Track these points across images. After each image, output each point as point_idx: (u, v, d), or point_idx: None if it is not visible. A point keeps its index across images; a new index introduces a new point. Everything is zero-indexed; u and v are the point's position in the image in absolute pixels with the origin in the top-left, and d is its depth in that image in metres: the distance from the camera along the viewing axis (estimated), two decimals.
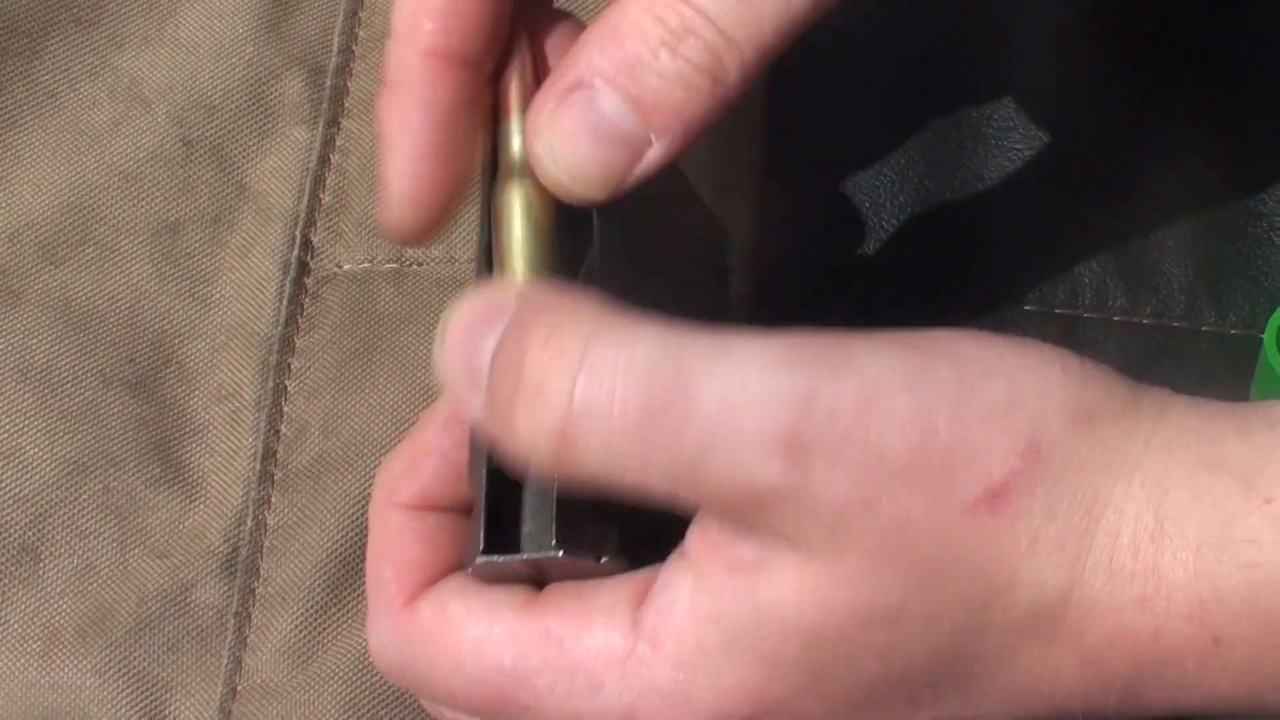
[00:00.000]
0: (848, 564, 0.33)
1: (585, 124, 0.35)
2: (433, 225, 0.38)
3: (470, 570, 0.37)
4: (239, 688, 0.46)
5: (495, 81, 0.38)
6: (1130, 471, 0.34)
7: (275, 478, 0.48)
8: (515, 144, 0.37)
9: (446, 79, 0.37)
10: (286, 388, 0.49)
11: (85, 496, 0.48)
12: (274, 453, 0.48)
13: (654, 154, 0.35)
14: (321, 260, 0.50)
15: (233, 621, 0.47)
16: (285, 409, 0.49)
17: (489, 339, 0.34)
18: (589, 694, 0.35)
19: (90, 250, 0.50)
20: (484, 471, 0.37)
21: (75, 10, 0.52)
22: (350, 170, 0.51)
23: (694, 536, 0.35)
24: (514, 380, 0.33)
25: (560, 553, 0.35)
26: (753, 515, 0.33)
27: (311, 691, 0.46)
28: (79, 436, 0.48)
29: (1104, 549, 0.33)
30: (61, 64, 0.52)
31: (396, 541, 0.38)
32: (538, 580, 0.37)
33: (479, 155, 0.38)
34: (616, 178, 0.36)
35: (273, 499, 0.48)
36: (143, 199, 0.51)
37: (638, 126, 0.35)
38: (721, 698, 0.34)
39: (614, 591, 0.35)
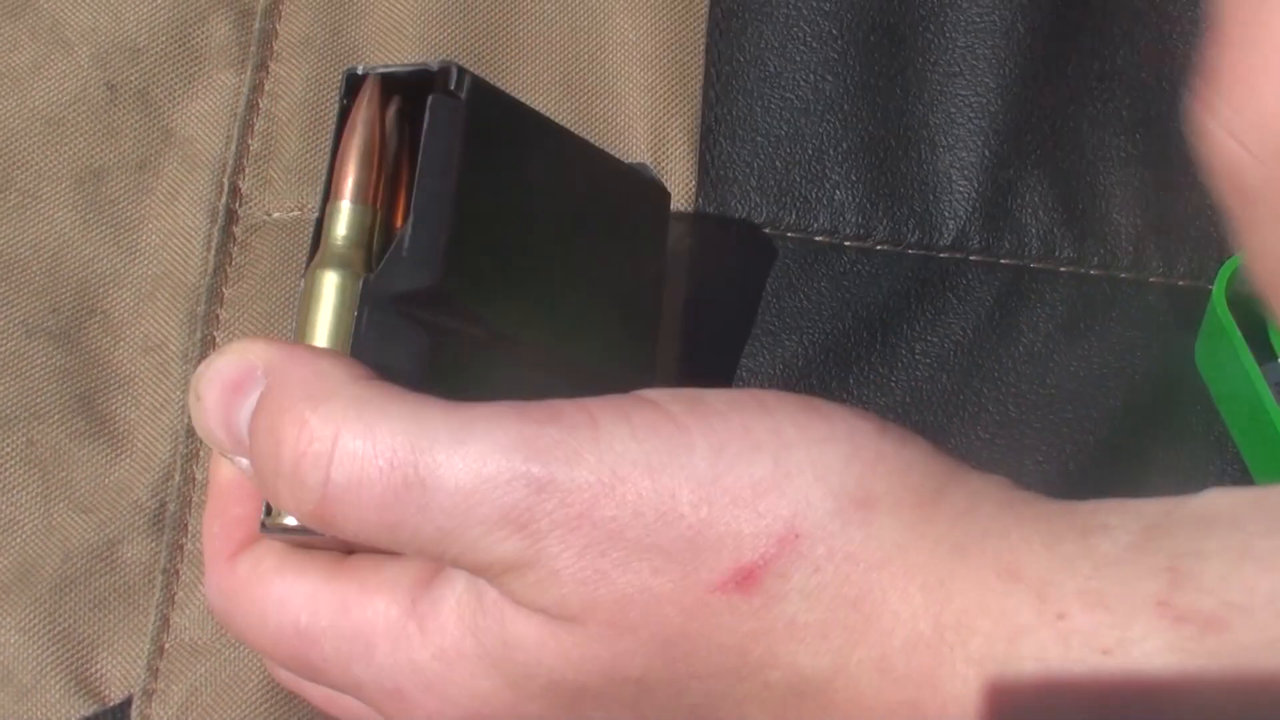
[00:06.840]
0: (584, 629, 0.33)
1: None
2: None
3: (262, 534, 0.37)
4: (166, 646, 0.45)
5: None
6: (911, 572, 0.33)
7: None
8: (340, 230, 0.37)
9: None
10: (215, 339, 0.48)
11: (8, 449, 0.47)
12: None
13: None
14: (250, 208, 0.49)
15: (160, 578, 0.46)
16: None
17: (244, 407, 0.35)
18: (364, 662, 0.35)
19: (12, 197, 0.49)
20: None
21: None
22: (279, 116, 0.50)
23: None
24: (273, 462, 0.34)
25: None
26: (497, 582, 0.34)
27: (239, 649, 0.45)
28: (1, 388, 0.47)
29: (874, 646, 0.33)
30: None
31: (226, 497, 0.38)
32: (350, 549, 0.37)
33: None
34: None
35: (201, 453, 0.47)
36: (65, 144, 0.49)
37: None
38: (477, 701, 0.35)
39: (405, 566, 0.36)
